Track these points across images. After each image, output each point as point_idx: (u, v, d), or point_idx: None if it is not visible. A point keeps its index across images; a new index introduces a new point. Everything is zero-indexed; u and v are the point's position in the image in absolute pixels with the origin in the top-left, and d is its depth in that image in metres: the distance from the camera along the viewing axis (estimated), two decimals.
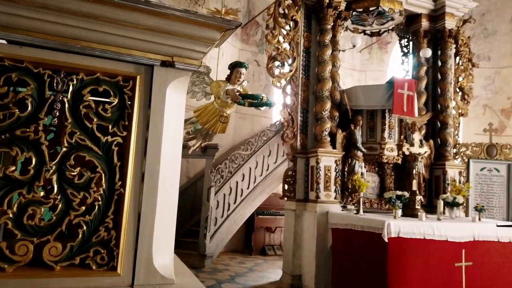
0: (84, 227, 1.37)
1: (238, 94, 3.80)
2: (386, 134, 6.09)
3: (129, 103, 1.46)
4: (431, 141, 6.44)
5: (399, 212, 4.96)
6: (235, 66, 3.94)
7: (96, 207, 1.39)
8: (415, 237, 4.39)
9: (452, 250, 4.56)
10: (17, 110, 1.32)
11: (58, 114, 1.37)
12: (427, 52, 6.55)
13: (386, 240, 4.24)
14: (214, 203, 7.77)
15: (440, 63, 6.80)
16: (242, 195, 8.17)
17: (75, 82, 1.40)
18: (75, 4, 1.33)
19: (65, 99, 1.38)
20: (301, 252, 5.77)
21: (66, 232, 1.43)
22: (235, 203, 8.11)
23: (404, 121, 6.20)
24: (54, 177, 1.35)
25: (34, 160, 1.33)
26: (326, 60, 5.95)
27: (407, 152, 5.79)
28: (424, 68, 6.74)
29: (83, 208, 1.38)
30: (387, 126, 6.10)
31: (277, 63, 5.93)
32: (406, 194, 5.28)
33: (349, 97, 6.06)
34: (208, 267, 7.44)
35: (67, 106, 1.39)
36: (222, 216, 7.96)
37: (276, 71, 5.94)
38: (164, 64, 1.48)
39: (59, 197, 1.36)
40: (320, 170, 5.60)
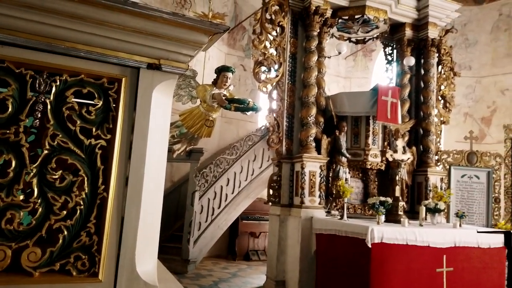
0: (65, 232, 1.34)
1: (224, 98, 3.79)
2: (370, 141, 6.16)
3: (114, 105, 1.43)
4: (414, 148, 6.54)
5: (382, 218, 5.01)
6: (221, 70, 3.93)
7: (78, 211, 1.36)
8: (398, 242, 4.44)
9: (434, 256, 4.62)
10: None
11: (40, 115, 1.34)
12: (410, 61, 6.68)
13: (370, 246, 4.27)
14: (198, 207, 7.71)
15: (423, 72, 6.93)
16: (226, 200, 8.14)
17: (58, 83, 1.37)
18: (60, 3, 1.30)
19: (47, 101, 1.35)
20: (285, 257, 5.76)
21: (46, 237, 1.38)
22: (219, 208, 8.07)
23: (387, 127, 6.29)
24: (35, 180, 1.32)
25: (13, 163, 1.29)
26: (312, 66, 6.00)
27: (390, 159, 5.87)
28: (408, 76, 6.87)
29: (64, 212, 1.34)
30: (371, 133, 6.18)
31: (263, 68, 5.95)
32: (389, 200, 5.34)
33: (334, 103, 6.12)
34: (191, 272, 7.37)
35: (49, 107, 1.35)
36: (206, 221, 7.90)
37: (263, 76, 5.96)
38: (150, 66, 1.46)
39: (39, 201, 1.32)
40: (305, 175, 5.62)
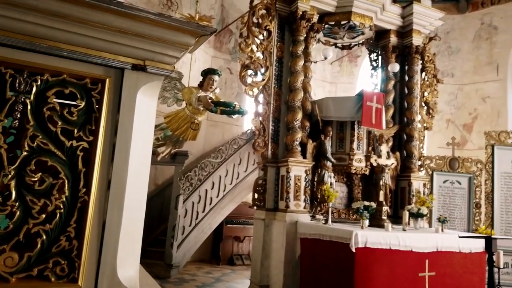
0: (44, 236, 1.30)
1: (210, 101, 3.77)
2: (355, 145, 6.22)
3: (97, 106, 1.40)
4: (398, 153, 6.62)
5: (366, 222, 5.05)
6: (208, 73, 3.92)
7: (58, 215, 1.32)
8: (382, 247, 4.48)
9: (417, 260, 4.67)
10: None
11: (19, 116, 1.30)
12: (395, 67, 6.78)
13: (354, 250, 4.29)
14: (182, 211, 7.63)
15: (407, 78, 7.04)
16: (211, 204, 8.09)
17: (39, 83, 1.33)
18: (42, 1, 1.26)
19: (27, 101, 1.31)
20: (269, 261, 5.74)
21: (24, 242, 1.34)
22: (203, 211, 8.01)
23: (372, 133, 6.35)
24: (13, 182, 1.27)
25: None
26: (298, 71, 6.03)
27: (374, 164, 5.93)
28: (392, 82, 6.97)
29: (43, 216, 1.30)
30: (356, 138, 6.23)
31: (250, 71, 5.95)
32: (374, 205, 5.39)
33: (320, 108, 6.16)
34: (174, 277, 7.28)
35: (29, 108, 1.31)
36: (190, 224, 7.83)
37: (249, 80, 5.95)
38: (135, 67, 1.43)
39: (17, 204, 1.27)
40: (290, 179, 5.62)
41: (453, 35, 10.73)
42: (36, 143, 1.31)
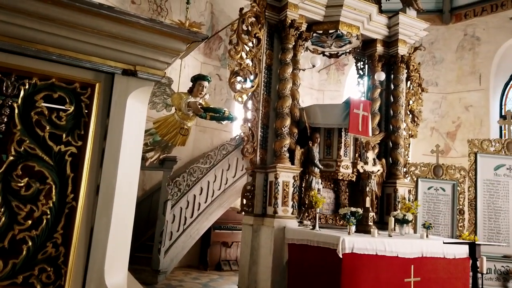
0: (30, 243, 1.27)
1: (200, 107, 3.76)
2: (342, 152, 6.27)
3: (86, 111, 1.39)
4: (383, 160, 6.70)
5: (353, 228, 5.09)
6: (197, 79, 3.91)
7: (44, 221, 1.30)
8: (368, 253, 4.51)
9: (402, 266, 4.72)
10: None
11: (6, 120, 1.28)
12: (381, 76, 6.89)
13: (341, 256, 4.32)
14: (170, 217, 7.56)
15: (392, 86, 7.15)
16: (199, 209, 8.03)
17: (27, 86, 1.32)
18: (30, 4, 1.25)
19: (15, 104, 1.29)
20: (257, 267, 5.73)
21: (9, 248, 1.31)
22: (192, 217, 7.95)
23: (359, 140, 6.42)
24: None
25: None
26: (287, 78, 6.07)
27: (361, 170, 5.98)
28: (378, 90, 7.07)
29: (29, 222, 1.28)
30: (343, 144, 6.29)
31: (239, 78, 5.97)
32: (360, 211, 5.44)
33: (308, 114, 6.20)
34: (161, 283, 7.19)
35: (16, 112, 1.30)
36: (178, 230, 7.76)
37: (238, 86, 5.97)
38: (125, 72, 1.43)
39: (2, 209, 1.25)
40: (278, 185, 5.64)
41: (437, 45, 10.95)
42: (23, 148, 1.29)
